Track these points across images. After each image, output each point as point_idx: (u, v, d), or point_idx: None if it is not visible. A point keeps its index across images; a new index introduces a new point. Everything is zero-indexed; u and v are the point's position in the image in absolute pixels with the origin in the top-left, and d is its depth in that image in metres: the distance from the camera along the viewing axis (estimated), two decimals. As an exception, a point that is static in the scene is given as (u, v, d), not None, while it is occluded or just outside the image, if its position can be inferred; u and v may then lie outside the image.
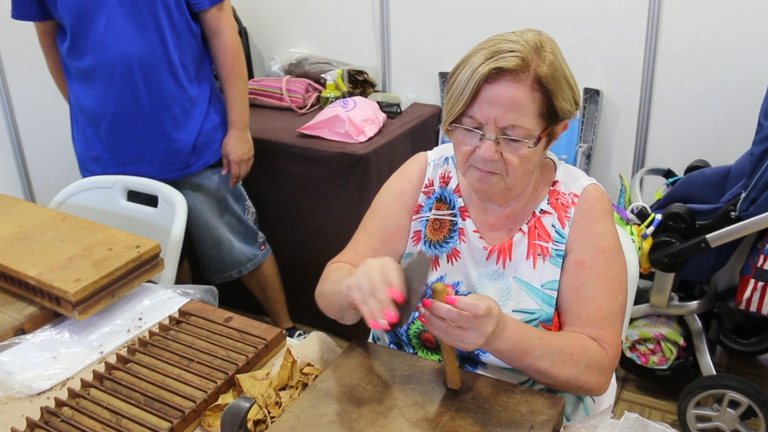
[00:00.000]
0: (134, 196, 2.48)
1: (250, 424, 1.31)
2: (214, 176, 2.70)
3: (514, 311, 1.51)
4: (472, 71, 1.39)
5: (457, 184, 1.62)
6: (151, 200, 2.42)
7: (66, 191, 2.51)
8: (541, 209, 1.54)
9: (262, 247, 2.96)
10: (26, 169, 3.42)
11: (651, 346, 2.71)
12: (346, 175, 2.87)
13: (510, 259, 1.54)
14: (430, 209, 1.63)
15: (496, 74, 1.37)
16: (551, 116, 1.41)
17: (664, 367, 2.71)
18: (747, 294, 2.47)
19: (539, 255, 1.52)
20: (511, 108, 1.37)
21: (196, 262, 2.94)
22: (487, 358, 1.49)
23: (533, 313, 1.51)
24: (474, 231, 1.58)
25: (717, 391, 2.52)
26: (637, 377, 2.85)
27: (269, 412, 1.40)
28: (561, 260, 1.51)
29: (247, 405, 1.12)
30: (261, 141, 2.88)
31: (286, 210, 3.10)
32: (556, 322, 1.51)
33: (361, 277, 1.28)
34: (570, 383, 1.39)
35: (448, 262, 1.60)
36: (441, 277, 1.60)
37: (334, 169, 2.90)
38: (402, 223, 1.65)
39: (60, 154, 3.29)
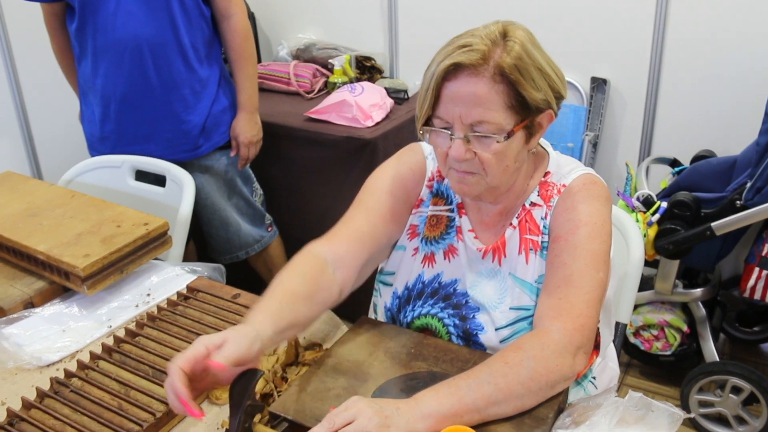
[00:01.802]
0: (142, 176, 2.49)
1: (257, 396, 1.33)
2: (223, 158, 2.71)
3: (511, 308, 1.47)
4: (433, 70, 1.35)
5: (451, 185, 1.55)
6: (159, 181, 2.43)
7: (74, 170, 2.53)
8: (531, 202, 1.49)
9: (270, 229, 2.97)
10: (34, 150, 3.43)
11: (655, 332, 2.72)
12: (353, 159, 2.88)
13: (505, 256, 1.49)
14: (429, 205, 1.59)
15: (455, 70, 1.33)
16: (524, 108, 1.34)
17: (668, 353, 2.72)
18: (751, 282, 2.48)
19: (531, 250, 1.47)
20: (474, 103, 1.32)
21: (203, 243, 2.95)
22: (486, 337, 1.48)
23: (529, 310, 1.46)
24: (469, 230, 1.53)
25: (720, 377, 2.53)
26: (640, 363, 2.87)
27: (276, 387, 1.42)
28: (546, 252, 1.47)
29: (256, 376, 1.13)
30: (268, 124, 2.88)
31: (293, 193, 3.11)
32: None
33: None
34: (534, 382, 1.26)
35: (444, 259, 1.55)
36: (438, 274, 1.55)
37: (341, 154, 2.90)
38: (402, 208, 1.58)
39: (68, 134, 3.31)
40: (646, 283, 2.71)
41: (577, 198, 1.44)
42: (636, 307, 2.75)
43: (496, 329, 1.47)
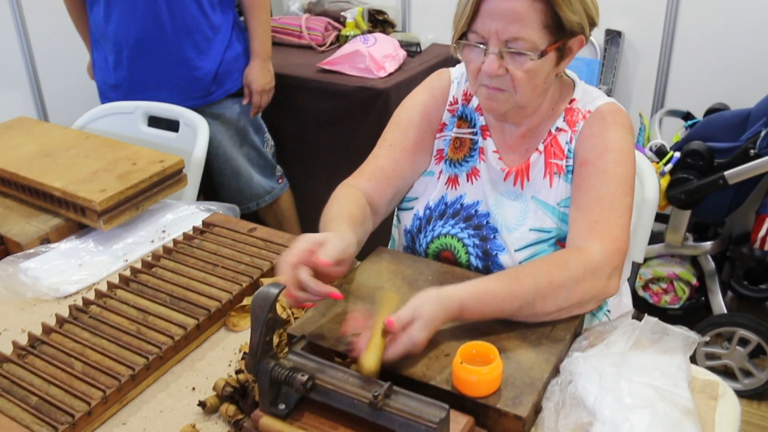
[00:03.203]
0: (154, 123, 2.49)
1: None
2: (235, 106, 2.71)
3: (531, 230, 1.49)
4: None
5: (479, 103, 1.57)
6: (171, 128, 2.43)
7: (87, 116, 2.53)
8: (557, 127, 1.50)
9: (280, 181, 2.98)
10: (43, 102, 3.43)
11: (664, 285, 2.73)
12: (366, 109, 2.87)
13: (528, 180, 1.51)
14: (453, 128, 1.60)
15: None
16: (559, 29, 1.36)
17: (676, 306, 2.73)
18: (762, 233, 2.49)
19: (555, 173, 1.49)
20: (512, 20, 1.33)
21: (214, 195, 2.95)
22: (505, 258, 1.50)
23: (549, 232, 1.48)
24: (494, 151, 1.54)
25: (727, 329, 2.54)
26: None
27: (293, 313, 1.43)
28: (572, 175, 1.48)
29: (276, 290, 1.13)
30: (280, 76, 2.87)
31: (305, 145, 3.11)
32: None
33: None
34: (569, 305, 1.31)
35: (467, 181, 1.57)
36: (461, 195, 1.57)
37: (353, 104, 2.90)
38: (425, 137, 1.60)
39: (76, 85, 3.31)
40: (656, 238, 2.72)
41: (603, 124, 1.46)
42: (646, 260, 2.76)
43: (515, 250, 1.49)
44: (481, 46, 1.38)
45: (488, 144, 1.55)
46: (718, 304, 2.63)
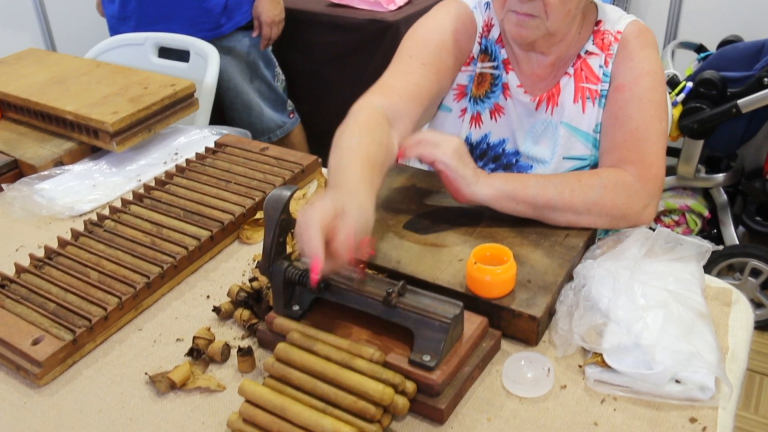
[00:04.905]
0: (164, 56, 2.48)
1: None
2: (245, 39, 2.69)
3: (564, 158, 1.46)
4: None
5: (500, 34, 1.49)
6: (182, 60, 2.42)
7: (97, 48, 2.52)
8: (587, 50, 1.44)
9: (291, 116, 2.97)
10: (52, 39, 3.42)
11: (676, 217, 2.73)
12: (376, 43, 2.85)
13: (557, 105, 1.46)
14: (478, 62, 1.51)
15: None
16: None
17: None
18: (775, 165, 2.48)
19: (588, 98, 1.44)
20: None
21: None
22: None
23: (584, 159, 1.46)
24: (518, 86, 1.48)
25: (739, 260, 2.54)
26: (660, 250, 2.87)
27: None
28: (605, 99, 1.44)
29: (289, 192, 1.13)
30: (290, 11, 2.84)
31: (315, 80, 3.09)
32: None
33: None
34: (598, 211, 1.30)
35: (491, 118, 1.52)
36: (486, 134, 1.52)
37: (363, 38, 2.87)
38: (454, 65, 1.48)
39: (85, 22, 3.29)
40: (668, 170, 2.70)
41: (635, 44, 1.41)
42: (657, 192, 2.75)
43: None
44: None
45: (511, 79, 1.49)
46: (730, 235, 2.63)
